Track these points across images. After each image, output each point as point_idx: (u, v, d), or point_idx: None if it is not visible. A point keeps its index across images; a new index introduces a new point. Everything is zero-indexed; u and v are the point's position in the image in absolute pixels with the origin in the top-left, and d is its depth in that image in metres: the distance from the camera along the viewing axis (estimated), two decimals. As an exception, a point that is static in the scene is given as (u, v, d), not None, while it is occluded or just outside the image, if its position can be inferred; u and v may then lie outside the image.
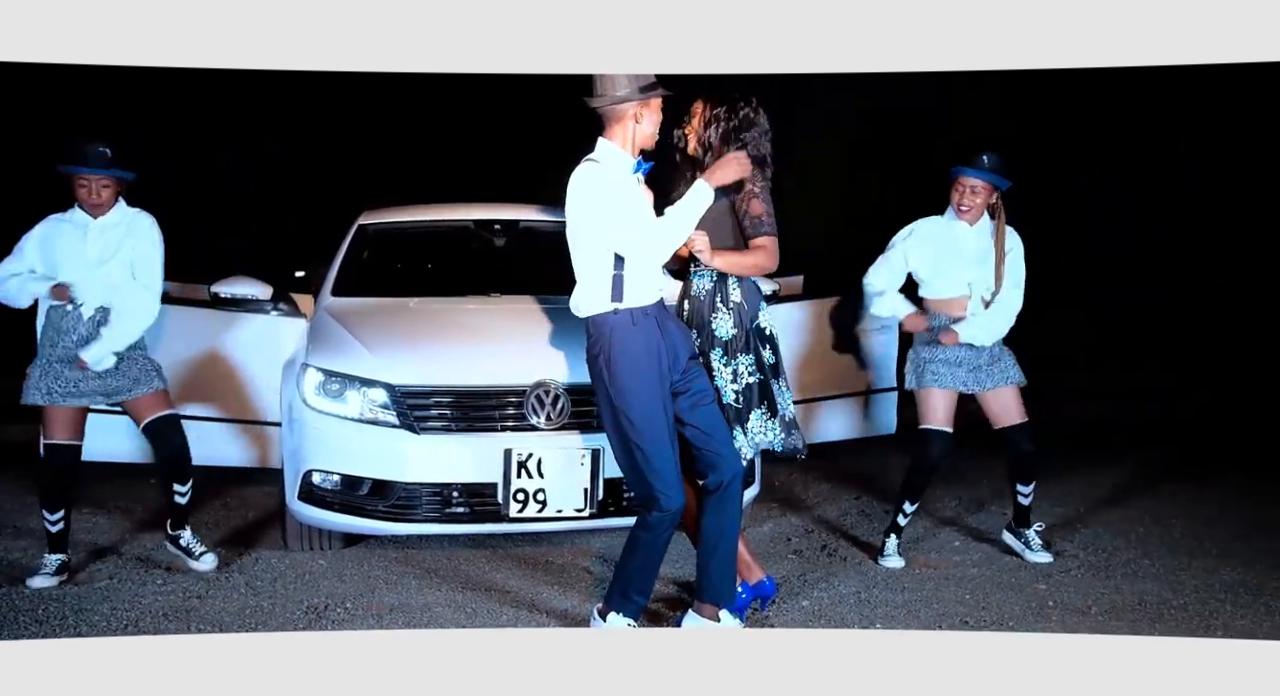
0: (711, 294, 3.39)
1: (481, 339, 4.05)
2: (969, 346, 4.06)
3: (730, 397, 3.37)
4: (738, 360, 3.38)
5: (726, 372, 3.38)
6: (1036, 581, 3.99)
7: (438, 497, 3.82)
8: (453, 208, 5.23)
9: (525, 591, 3.83)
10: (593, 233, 3.22)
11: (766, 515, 4.92)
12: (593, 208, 3.22)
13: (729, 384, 3.37)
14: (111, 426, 4.13)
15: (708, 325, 3.40)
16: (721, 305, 3.39)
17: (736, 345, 3.38)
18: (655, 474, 3.21)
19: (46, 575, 3.82)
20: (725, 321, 3.38)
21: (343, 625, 3.50)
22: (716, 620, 3.32)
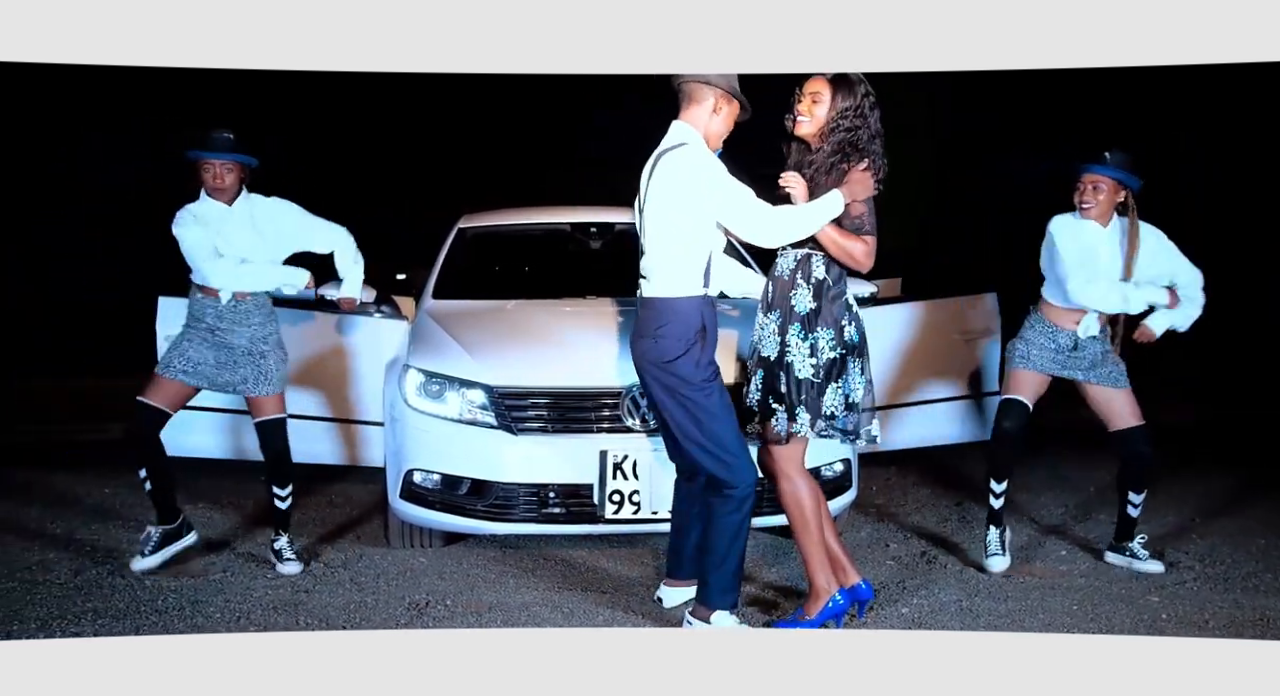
0: (793, 271, 3.36)
1: (578, 341, 4.08)
2: (1067, 352, 3.95)
3: (807, 372, 3.31)
4: (816, 334, 3.32)
5: (804, 347, 3.32)
6: (1149, 593, 3.84)
7: (535, 498, 3.87)
8: (550, 211, 5.29)
9: (621, 592, 3.84)
10: (704, 213, 3.24)
11: (864, 520, 4.84)
12: (725, 187, 3.24)
13: (806, 358, 3.32)
14: (207, 423, 4.30)
15: (787, 300, 3.36)
16: (802, 281, 3.34)
17: (815, 319, 3.32)
18: (734, 452, 3.24)
19: (144, 556, 3.97)
20: (804, 296, 3.34)
21: (443, 622, 3.56)
22: None
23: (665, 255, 3.28)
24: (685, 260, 3.27)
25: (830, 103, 3.32)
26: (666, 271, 3.28)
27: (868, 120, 3.33)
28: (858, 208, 3.31)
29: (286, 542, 4.11)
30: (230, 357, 3.96)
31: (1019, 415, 3.98)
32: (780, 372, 3.34)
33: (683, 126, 3.32)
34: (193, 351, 3.95)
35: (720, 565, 3.28)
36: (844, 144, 3.32)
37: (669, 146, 3.30)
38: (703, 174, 3.24)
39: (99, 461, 6.27)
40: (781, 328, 3.35)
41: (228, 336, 3.96)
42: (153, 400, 3.95)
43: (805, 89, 3.36)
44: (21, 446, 7.06)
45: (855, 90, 3.31)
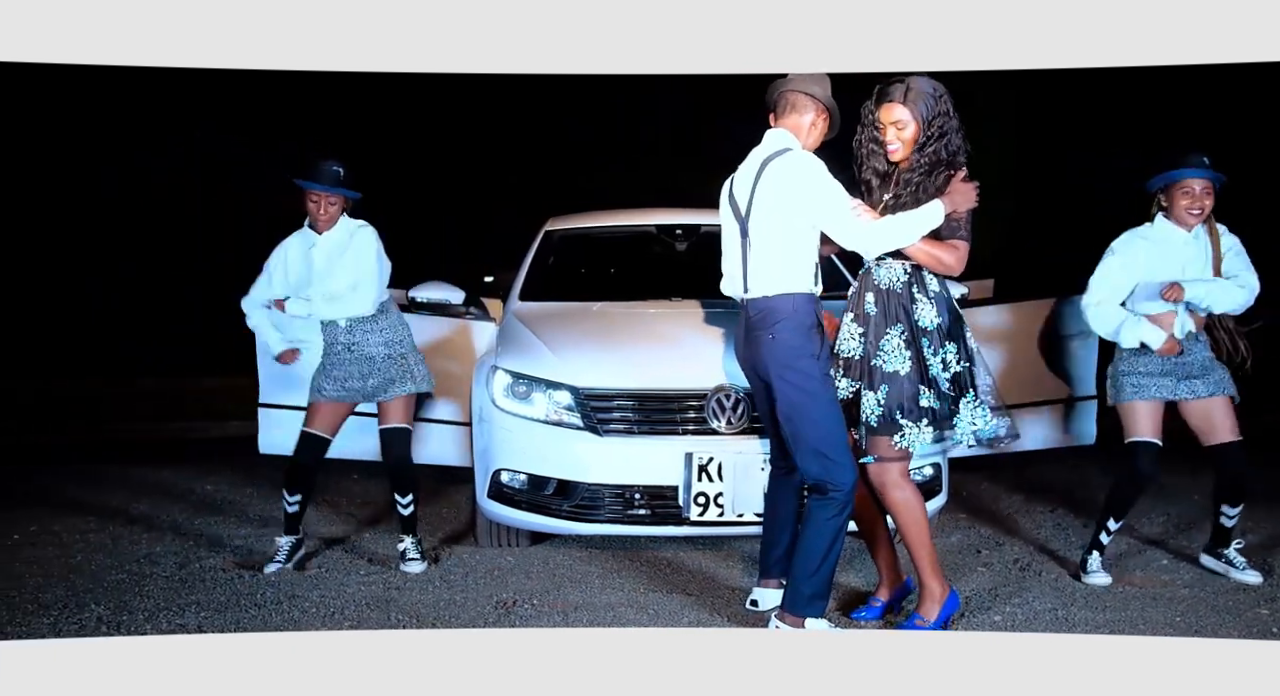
0: (908, 285, 3.32)
1: (663, 343, 4.09)
2: (1172, 358, 3.80)
3: (945, 386, 3.29)
4: (945, 348, 3.30)
5: (936, 362, 3.29)
6: (1258, 606, 3.68)
7: (620, 499, 3.89)
8: (635, 213, 5.31)
9: (707, 594, 3.84)
10: (816, 216, 3.27)
11: (954, 525, 4.74)
12: (825, 193, 3.26)
13: (940, 372, 3.29)
14: None
15: (909, 316, 3.32)
16: (921, 295, 3.31)
17: (943, 333, 3.30)
18: (840, 454, 3.24)
19: (279, 562, 4.10)
20: (928, 310, 3.30)
21: (529, 621, 3.60)
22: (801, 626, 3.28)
23: (779, 256, 3.30)
24: (800, 260, 3.31)
25: (914, 121, 3.29)
26: (781, 271, 3.30)
27: (952, 118, 3.29)
28: (956, 213, 3.28)
29: (412, 544, 4.18)
30: (373, 367, 4.07)
31: (1153, 457, 3.84)
32: (921, 387, 3.30)
33: (783, 134, 3.36)
34: (338, 371, 4.07)
35: (815, 570, 3.25)
36: (938, 153, 3.28)
37: (775, 151, 3.33)
38: (814, 178, 3.27)
39: (201, 458, 6.52)
40: (909, 341, 3.31)
41: (363, 348, 4.07)
42: (315, 429, 4.09)
43: (883, 120, 3.32)
44: (131, 443, 7.38)
45: (932, 97, 3.28)
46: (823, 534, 3.24)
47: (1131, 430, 3.86)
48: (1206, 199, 3.78)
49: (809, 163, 3.29)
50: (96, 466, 6.28)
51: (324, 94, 9.38)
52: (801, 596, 3.26)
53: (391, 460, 4.13)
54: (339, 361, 4.07)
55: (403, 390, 4.08)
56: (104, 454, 6.82)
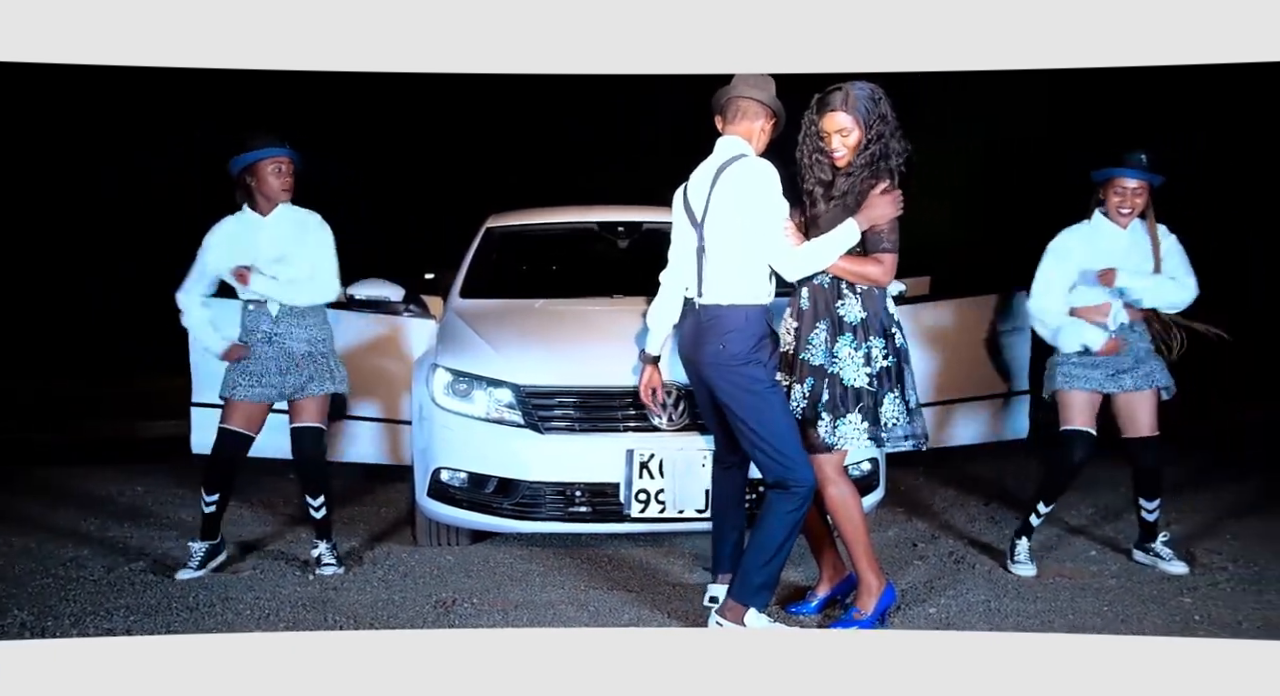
0: (835, 280, 3.36)
1: (605, 340, 4.09)
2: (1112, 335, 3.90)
3: (863, 381, 3.32)
4: (870, 343, 3.34)
5: (858, 357, 3.33)
6: (1181, 594, 3.79)
7: (561, 496, 3.88)
8: (577, 210, 5.30)
9: (647, 591, 3.85)
10: (764, 231, 3.28)
11: (891, 520, 4.82)
12: (774, 206, 3.29)
13: (861, 367, 3.32)
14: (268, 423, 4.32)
15: (834, 311, 3.36)
16: (848, 291, 3.35)
17: (868, 328, 3.34)
18: (794, 453, 3.27)
19: (191, 569, 4.00)
20: (853, 306, 3.35)
21: (469, 620, 3.58)
22: None
23: (736, 265, 3.32)
24: (755, 268, 3.33)
25: (857, 128, 3.32)
26: (736, 282, 3.32)
27: (888, 120, 3.33)
28: (881, 224, 3.31)
29: (327, 549, 4.10)
30: (291, 363, 3.98)
31: (1086, 446, 3.93)
32: (828, 382, 3.34)
33: (735, 140, 3.38)
34: (254, 365, 3.97)
35: (767, 562, 3.28)
36: (874, 156, 3.32)
37: (730, 158, 3.35)
38: (764, 188, 3.29)
39: (131, 460, 6.37)
40: (831, 337, 3.36)
41: (285, 342, 3.98)
42: (234, 425, 3.98)
43: (827, 129, 3.33)
44: (56, 446, 7.18)
45: (869, 101, 3.31)
46: (780, 526, 3.27)
47: (1065, 419, 3.96)
48: (1137, 198, 3.88)
49: (764, 171, 3.31)
50: (20, 468, 6.10)
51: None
52: (750, 585, 3.29)
53: (303, 459, 4.04)
54: (256, 354, 3.97)
55: (320, 389, 4.00)
56: (28, 455, 6.62)
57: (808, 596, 3.67)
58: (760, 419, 3.28)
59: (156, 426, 7.49)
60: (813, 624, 3.56)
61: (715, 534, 3.67)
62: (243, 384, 3.96)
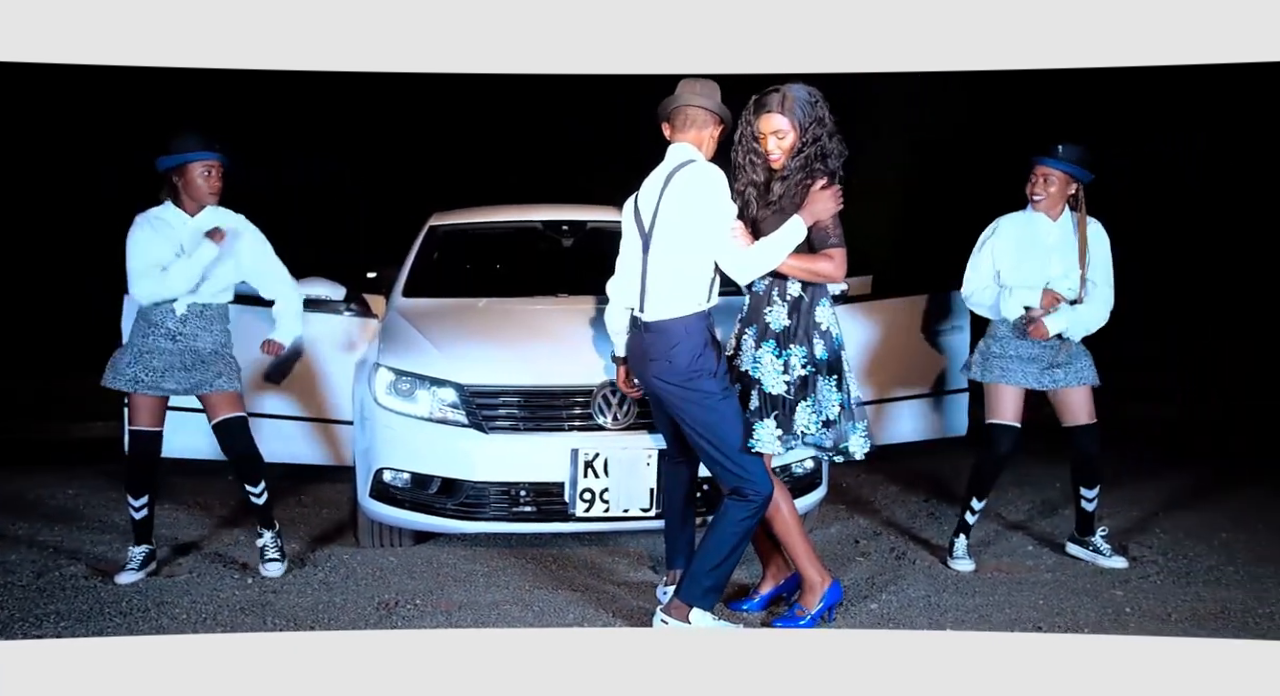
0: (769, 288, 3.39)
1: (549, 339, 4.08)
2: (1043, 343, 3.97)
3: (781, 389, 3.35)
4: (790, 351, 3.37)
5: (778, 363, 3.36)
6: (1113, 587, 3.89)
7: (505, 496, 3.86)
8: (521, 209, 5.28)
9: (591, 590, 3.84)
10: (708, 235, 3.28)
11: (834, 517, 4.87)
12: (722, 210, 3.29)
13: (780, 375, 3.36)
14: (196, 423, 4.24)
15: (762, 318, 3.39)
16: (778, 298, 3.39)
17: (790, 336, 3.37)
18: (749, 462, 3.29)
19: (132, 570, 3.92)
20: (780, 313, 3.38)
21: (412, 621, 3.55)
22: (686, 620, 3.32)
23: (677, 276, 3.32)
24: (696, 278, 3.32)
25: (793, 130, 3.34)
26: (676, 292, 3.32)
27: (825, 124, 3.36)
28: (824, 221, 3.34)
29: (271, 539, 4.04)
30: (197, 359, 3.91)
31: (1012, 439, 4.01)
32: (753, 388, 3.38)
33: (685, 147, 3.38)
34: (156, 361, 3.88)
35: (717, 566, 3.30)
36: (809, 158, 3.35)
37: (679, 164, 3.34)
38: (713, 193, 3.29)
39: (62, 463, 6.20)
40: (756, 343, 3.39)
41: (191, 341, 3.91)
42: (143, 425, 3.90)
43: (763, 130, 3.36)
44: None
45: (806, 104, 3.33)
46: (732, 533, 3.29)
47: (993, 412, 4.03)
48: (1050, 187, 3.95)
49: (712, 176, 3.31)
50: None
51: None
52: (699, 587, 3.31)
53: (234, 451, 3.98)
54: (158, 350, 3.88)
55: (229, 386, 3.94)
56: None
57: (751, 593, 3.69)
58: (715, 431, 3.29)
59: (89, 428, 7.31)
60: (756, 621, 3.59)
61: (667, 531, 3.68)
62: (145, 379, 3.88)
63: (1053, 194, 3.96)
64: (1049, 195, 3.96)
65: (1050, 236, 3.99)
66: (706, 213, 3.29)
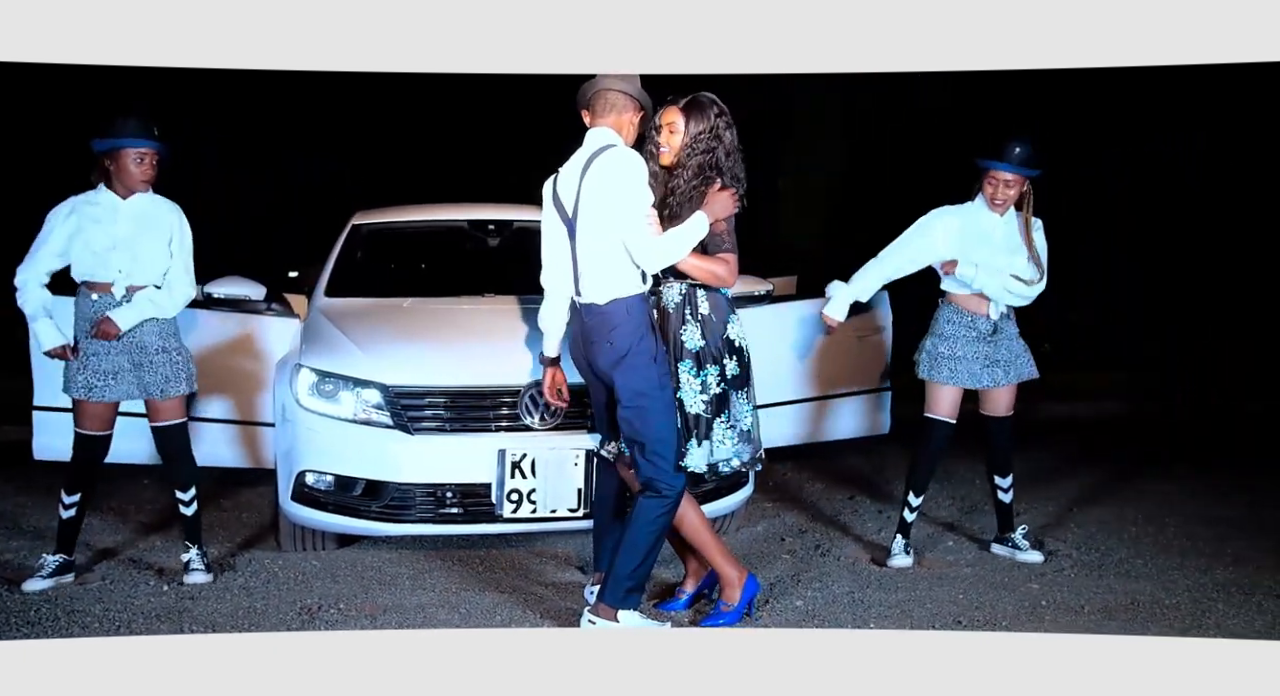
0: (680, 306, 3.41)
1: (475, 339, 4.05)
2: (987, 340, 4.06)
3: (700, 409, 3.38)
4: (706, 371, 3.39)
5: (695, 383, 3.39)
6: (1030, 581, 3.99)
7: (432, 498, 3.82)
8: (446, 208, 5.23)
9: (519, 592, 3.82)
10: (622, 219, 3.27)
11: (760, 514, 4.92)
12: (639, 195, 3.28)
13: (698, 395, 3.38)
14: (136, 428, 4.11)
15: (677, 337, 3.41)
16: (690, 318, 3.40)
17: (705, 356, 3.39)
18: (670, 455, 3.29)
19: (41, 578, 3.79)
20: (694, 333, 3.40)
21: (336, 625, 3.49)
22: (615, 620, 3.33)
23: (608, 258, 3.30)
24: (622, 259, 3.30)
25: (685, 129, 3.38)
26: (611, 274, 3.30)
27: (723, 139, 3.39)
28: (718, 226, 3.37)
29: (197, 555, 3.93)
30: (145, 357, 3.79)
31: (947, 433, 4.10)
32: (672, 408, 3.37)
33: (605, 132, 3.37)
34: (105, 363, 3.75)
35: (638, 565, 3.30)
36: (704, 166, 3.38)
37: (599, 148, 3.33)
38: (630, 178, 3.28)
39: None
40: (673, 361, 3.39)
41: (136, 336, 3.78)
42: (90, 429, 3.79)
43: (661, 120, 3.42)
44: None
45: (708, 113, 3.38)
46: (649, 531, 3.29)
47: (931, 407, 4.12)
48: (1009, 190, 4.02)
49: (631, 161, 3.31)
50: None
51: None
52: (620, 589, 3.31)
53: (172, 456, 3.89)
54: (104, 349, 3.76)
55: (177, 391, 3.84)
56: None
57: (676, 593, 3.71)
58: (644, 418, 3.29)
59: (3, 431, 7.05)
60: (683, 619, 3.61)
61: (596, 530, 3.67)
62: (98, 385, 3.76)
63: (1011, 197, 4.02)
64: (1009, 198, 4.02)
65: (996, 233, 4.04)
66: (623, 197, 3.28)
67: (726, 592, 3.52)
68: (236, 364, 4.43)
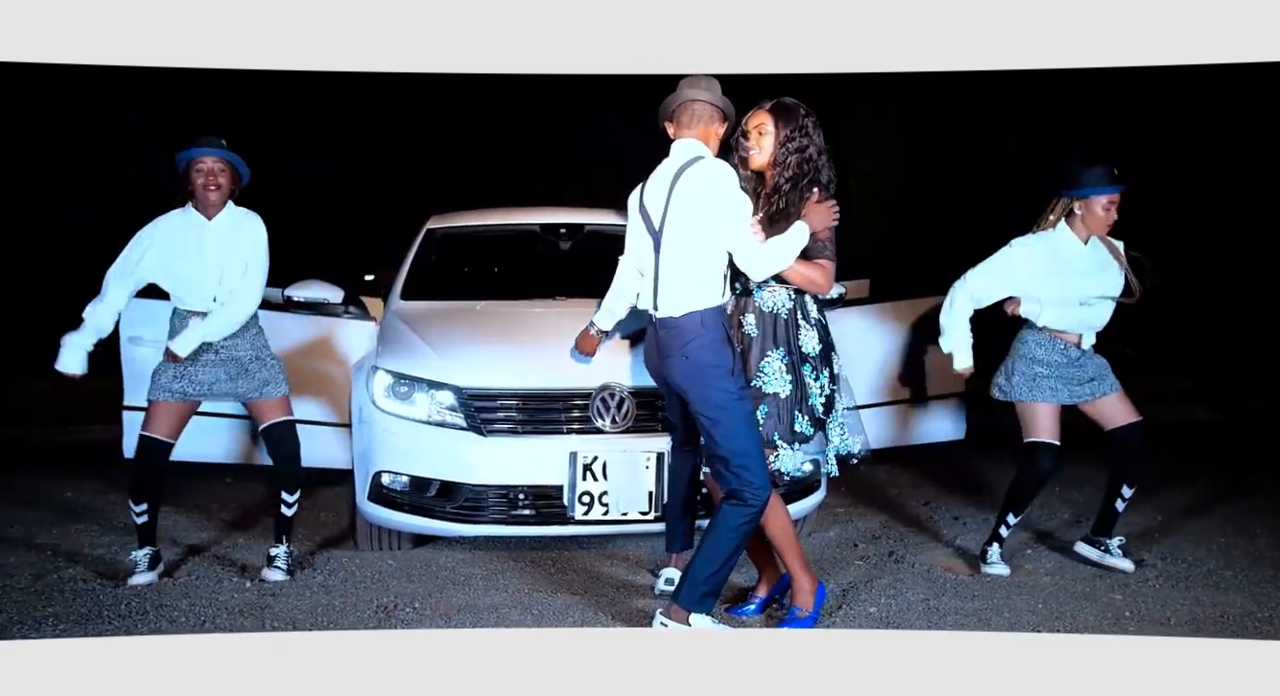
0: (793, 311, 3.41)
1: (547, 342, 4.07)
2: (1075, 363, 3.98)
3: (820, 411, 3.41)
4: (823, 374, 3.42)
5: (816, 387, 3.41)
6: (1113, 591, 3.89)
7: (504, 499, 3.86)
8: (519, 212, 5.28)
9: (591, 593, 3.84)
10: (723, 228, 3.26)
11: (833, 520, 4.87)
12: (735, 205, 3.28)
13: (819, 396, 3.41)
14: (206, 427, 4.22)
15: (792, 342, 3.40)
16: (804, 322, 3.42)
17: (822, 359, 3.42)
18: (755, 467, 3.26)
19: (143, 572, 3.91)
20: (810, 337, 3.41)
21: (411, 624, 3.54)
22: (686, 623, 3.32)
23: (691, 272, 3.30)
24: (710, 273, 3.30)
25: (774, 131, 3.38)
26: (690, 289, 3.29)
27: (813, 138, 3.39)
28: (821, 233, 3.37)
29: (284, 553, 4.01)
30: (240, 368, 3.88)
31: (1052, 457, 4.00)
32: (797, 411, 3.39)
33: (692, 143, 3.37)
34: (201, 373, 3.85)
35: (715, 572, 3.28)
36: (801, 165, 3.38)
37: (688, 160, 3.33)
38: (725, 188, 3.28)
39: (60, 463, 6.20)
40: (791, 367, 3.39)
41: (232, 351, 3.87)
42: (156, 433, 3.87)
43: (749, 124, 3.42)
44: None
45: (795, 113, 3.38)
46: (730, 539, 3.27)
47: (1031, 430, 4.01)
48: (1115, 210, 3.94)
49: (722, 172, 3.30)
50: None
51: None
52: (696, 593, 3.29)
53: (281, 455, 3.96)
54: (203, 363, 3.85)
55: (277, 391, 3.93)
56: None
57: (749, 597, 3.69)
58: (725, 432, 3.26)
59: (86, 430, 7.31)
60: (754, 624, 3.59)
61: (668, 516, 3.69)
62: (191, 391, 3.85)
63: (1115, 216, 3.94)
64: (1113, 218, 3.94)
65: (1081, 258, 3.95)
66: (721, 207, 3.26)
67: (800, 598, 3.50)
68: (314, 366, 4.52)
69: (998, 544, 4.11)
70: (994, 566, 4.07)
